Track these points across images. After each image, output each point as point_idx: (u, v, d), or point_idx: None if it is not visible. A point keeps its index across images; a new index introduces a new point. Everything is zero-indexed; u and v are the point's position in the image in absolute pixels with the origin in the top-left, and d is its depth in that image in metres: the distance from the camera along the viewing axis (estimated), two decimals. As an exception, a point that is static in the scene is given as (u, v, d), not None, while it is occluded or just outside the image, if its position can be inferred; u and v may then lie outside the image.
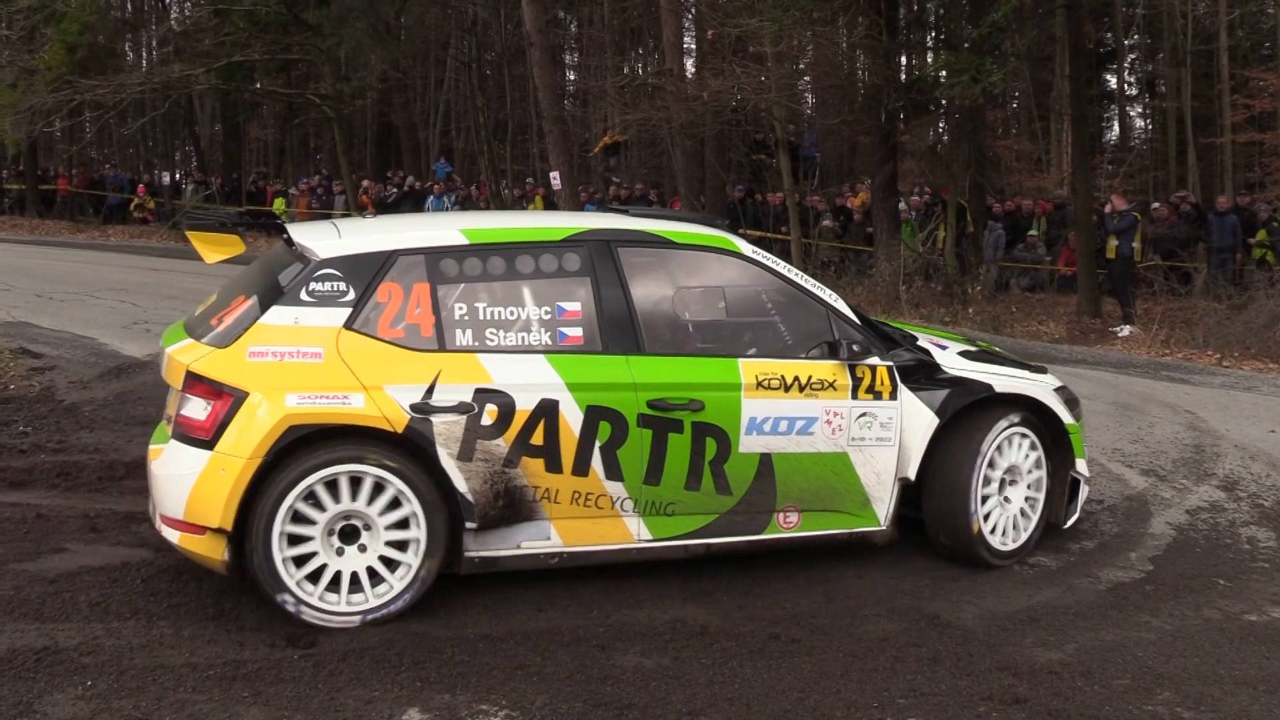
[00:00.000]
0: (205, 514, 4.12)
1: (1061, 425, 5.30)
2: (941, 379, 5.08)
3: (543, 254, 4.63)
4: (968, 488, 5.01)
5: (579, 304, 4.58)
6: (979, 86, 13.68)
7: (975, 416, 5.09)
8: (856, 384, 4.88)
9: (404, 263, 4.44)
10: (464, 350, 4.38)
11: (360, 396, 4.20)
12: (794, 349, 4.88)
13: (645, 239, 4.85)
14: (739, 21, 16.11)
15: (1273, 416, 8.74)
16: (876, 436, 4.93)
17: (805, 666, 4.03)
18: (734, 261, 4.95)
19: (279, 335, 4.24)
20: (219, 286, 4.93)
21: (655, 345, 4.66)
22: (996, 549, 5.12)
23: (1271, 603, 4.80)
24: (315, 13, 22.17)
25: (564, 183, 18.54)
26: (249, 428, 4.10)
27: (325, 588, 4.23)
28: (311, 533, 4.20)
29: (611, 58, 24.70)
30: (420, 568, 4.30)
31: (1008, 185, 21.98)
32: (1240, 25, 23.56)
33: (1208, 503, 6.26)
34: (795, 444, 4.79)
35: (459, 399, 4.30)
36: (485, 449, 4.32)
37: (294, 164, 32.56)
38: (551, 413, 4.40)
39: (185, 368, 4.23)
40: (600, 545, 4.57)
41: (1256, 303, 12.81)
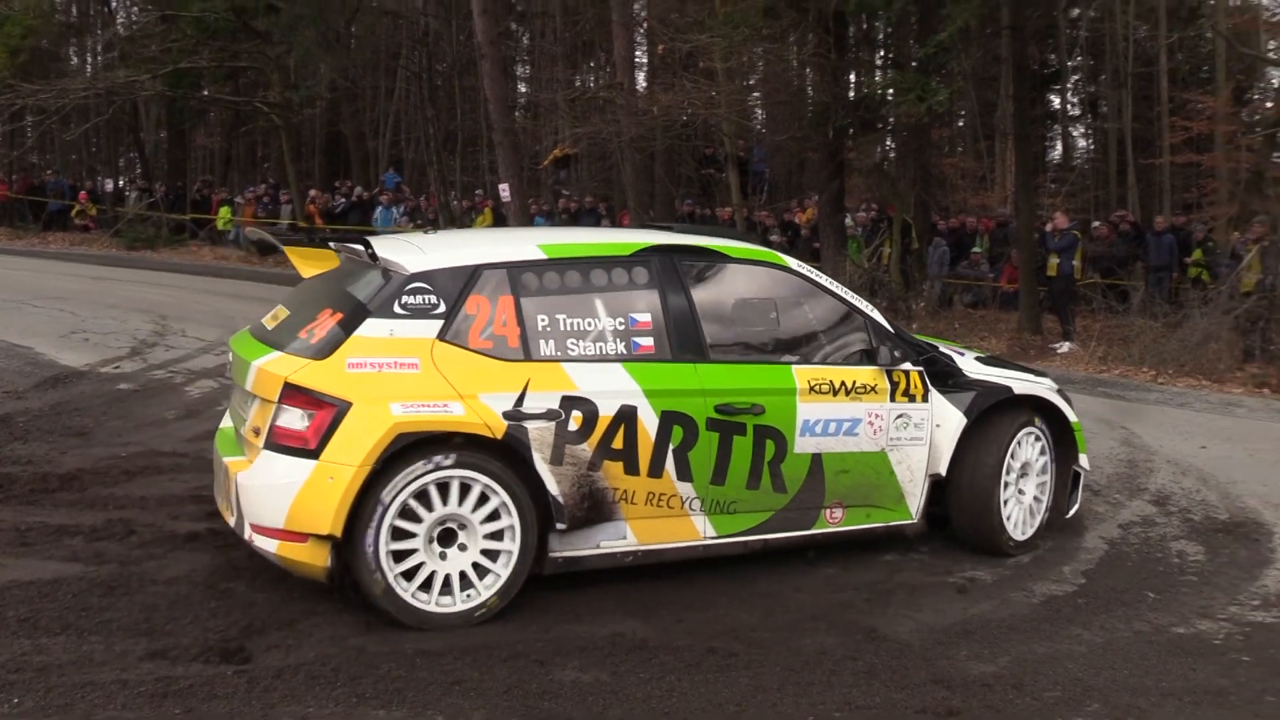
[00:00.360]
0: (312, 521, 4.22)
1: (1067, 423, 5.81)
2: (965, 382, 5.51)
3: (614, 268, 4.89)
4: (995, 482, 5.43)
5: (649, 315, 4.84)
6: (924, 105, 13.86)
7: (997, 417, 5.51)
8: (894, 388, 5.30)
9: (488, 276, 4.63)
10: (549, 360, 4.60)
11: (459, 405, 4.37)
12: (836, 356, 5.25)
13: (703, 253, 5.17)
14: (690, 37, 16.21)
15: (1204, 432, 8.94)
16: (911, 436, 5.35)
17: (742, 680, 4.06)
18: (783, 275, 5.32)
19: (376, 347, 4.38)
20: (284, 299, 5.13)
21: (718, 353, 4.96)
22: (1015, 539, 5.56)
23: (1198, 615, 4.91)
24: (264, 20, 21.96)
25: (514, 195, 18.51)
26: (358, 436, 4.23)
27: (419, 588, 4.36)
28: (415, 533, 4.33)
29: (563, 71, 24.76)
30: (514, 569, 4.48)
31: (952, 203, 22.28)
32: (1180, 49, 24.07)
33: (1140, 517, 6.38)
34: (842, 444, 5.16)
35: (548, 406, 4.51)
36: (573, 453, 4.55)
37: (240, 172, 32.22)
38: (630, 418, 4.66)
39: (283, 379, 4.32)
40: (671, 543, 4.84)
41: (1191, 321, 13.08)
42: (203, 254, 22.91)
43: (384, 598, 4.30)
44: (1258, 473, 7.55)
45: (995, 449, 5.46)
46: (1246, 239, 14.74)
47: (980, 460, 5.44)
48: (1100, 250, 17.11)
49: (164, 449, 6.88)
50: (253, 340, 4.85)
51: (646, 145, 17.91)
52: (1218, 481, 7.24)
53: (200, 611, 4.38)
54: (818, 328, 5.29)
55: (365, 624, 4.33)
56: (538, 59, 28.59)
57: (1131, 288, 16.56)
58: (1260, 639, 4.67)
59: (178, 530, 5.29)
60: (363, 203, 22.96)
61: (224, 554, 5.02)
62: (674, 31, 17.13)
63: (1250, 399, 11.03)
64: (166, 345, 10.74)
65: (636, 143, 17.68)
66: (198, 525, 5.37)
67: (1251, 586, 5.30)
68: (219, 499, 4.89)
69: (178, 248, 23.53)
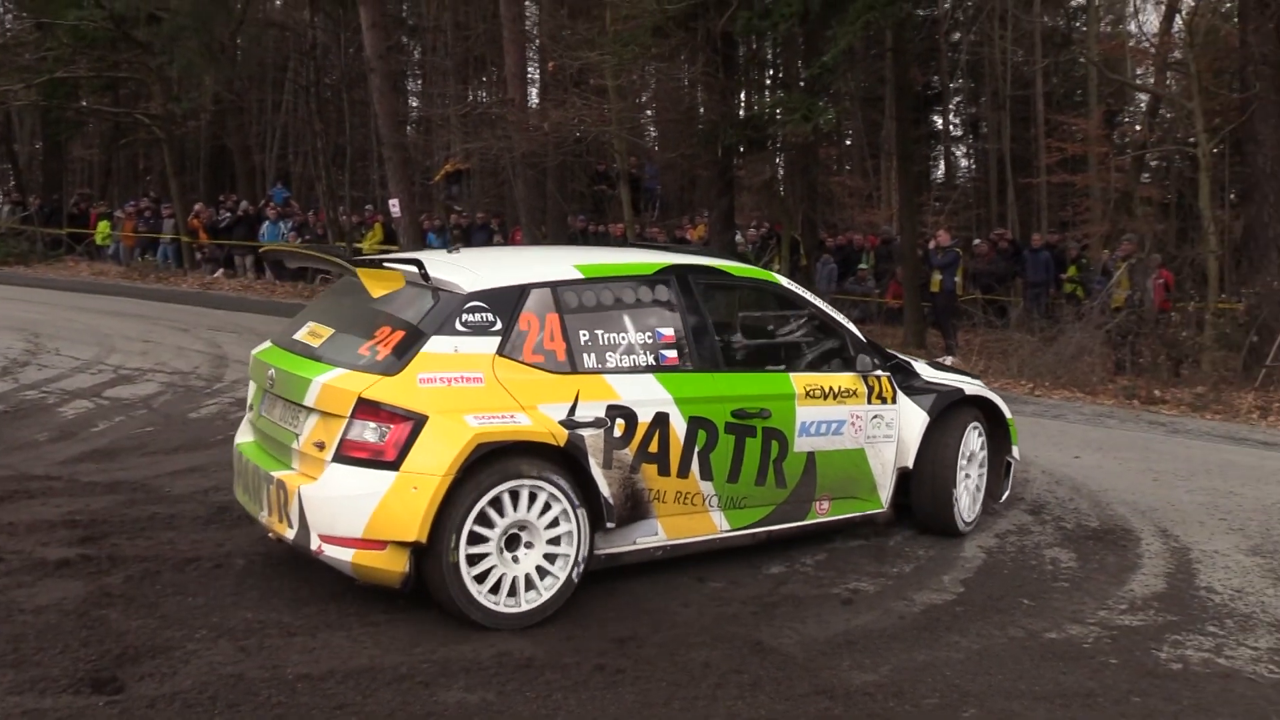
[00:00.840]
0: (396, 530, 4.42)
1: (1003, 418, 6.57)
2: (924, 386, 6.19)
3: (640, 285, 5.29)
4: (952, 472, 6.12)
5: (672, 329, 5.26)
6: (811, 125, 14.13)
7: (951, 415, 6.19)
8: (870, 391, 5.92)
9: (535, 295, 4.92)
10: (593, 372, 4.94)
11: (524, 415, 4.66)
12: (821, 363, 5.84)
13: (711, 272, 5.64)
14: (580, 54, 16.29)
15: (1078, 443, 9.26)
16: (884, 434, 5.98)
17: (629, 696, 4.07)
18: (777, 292, 5.94)
19: (444, 362, 4.61)
20: (313, 316, 5.25)
21: (729, 363, 5.44)
22: (967, 520, 6.26)
23: (1070, 620, 5.08)
24: (145, 30, 21.40)
25: (404, 210, 18.35)
26: (439, 447, 4.45)
27: (490, 591, 4.59)
28: (489, 538, 4.58)
29: (454, 86, 24.63)
30: (571, 569, 4.77)
31: (840, 220, 22.75)
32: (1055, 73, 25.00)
33: (1016, 526, 6.58)
34: (830, 443, 5.73)
35: (596, 415, 4.85)
36: (618, 458, 4.92)
37: (121, 186, 31.28)
38: (664, 424, 5.06)
39: (356, 395, 4.50)
40: (694, 537, 5.27)
41: (1065, 335, 13.55)
42: (80, 270, 22.22)
43: (459, 600, 4.52)
44: (1126, 481, 7.85)
45: (952, 443, 6.14)
46: (1116, 256, 15.37)
47: (940, 453, 6.10)
48: (981, 267, 17.66)
49: (35, 472, 6.64)
50: (298, 357, 4.96)
51: (538, 161, 17.91)
52: (1089, 490, 7.51)
53: (70, 641, 4.23)
54: (807, 339, 5.89)
55: (243, 650, 4.23)
56: (429, 74, 28.39)
57: (1010, 303, 17.12)
58: (1127, 642, 4.85)
59: (48, 557, 5.11)
60: (249, 217, 22.50)
61: (96, 581, 4.86)
62: (565, 48, 17.20)
63: (1121, 410, 11.47)
64: (39, 364, 10.37)
65: (528, 158, 17.67)
66: (69, 551, 5.19)
67: (1119, 591, 5.51)
68: (263, 513, 4.93)
69: (53, 263, 22.77)
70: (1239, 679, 4.50)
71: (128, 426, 8.11)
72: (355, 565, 4.51)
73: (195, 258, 22.53)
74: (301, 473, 4.70)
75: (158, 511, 5.96)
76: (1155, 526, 6.70)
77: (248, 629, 4.45)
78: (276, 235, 21.79)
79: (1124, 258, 15.03)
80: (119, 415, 8.47)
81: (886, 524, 6.24)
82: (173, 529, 5.69)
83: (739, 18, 14.17)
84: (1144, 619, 5.15)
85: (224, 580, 5.00)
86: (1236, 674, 4.55)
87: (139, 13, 21.05)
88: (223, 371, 10.67)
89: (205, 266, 22.46)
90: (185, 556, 5.25)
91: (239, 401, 9.18)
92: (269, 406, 5.10)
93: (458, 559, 4.49)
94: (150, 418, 8.45)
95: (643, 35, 15.01)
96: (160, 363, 10.90)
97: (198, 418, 8.54)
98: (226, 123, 26.74)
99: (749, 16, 14.21)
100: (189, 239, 22.42)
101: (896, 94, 18.18)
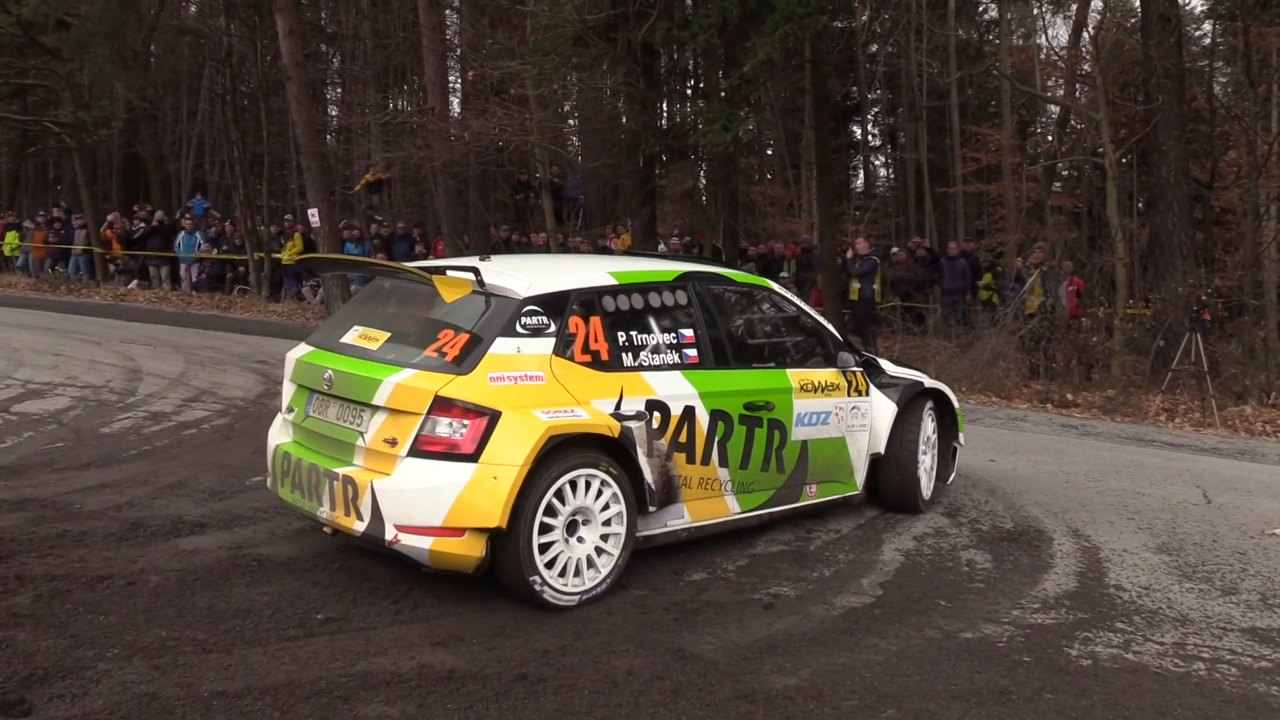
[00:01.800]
0: (477, 517, 4.75)
1: (952, 408, 7.29)
2: (890, 380, 6.88)
3: (664, 291, 5.78)
4: (915, 455, 6.81)
5: (691, 330, 5.76)
6: (730, 135, 14.27)
7: (911, 405, 6.86)
8: (849, 385, 6.57)
9: (579, 300, 5.35)
10: (632, 369, 5.40)
11: (583, 410, 5.08)
12: (806, 361, 6.42)
13: (718, 279, 6.18)
14: (501, 64, 16.24)
15: (993, 447, 9.46)
16: (860, 424, 6.63)
17: (550, 705, 4.07)
18: (771, 296, 6.56)
19: (509, 362, 4.99)
20: (361, 320, 5.52)
21: (737, 360, 5.97)
22: (925, 499, 6.98)
23: (985, 620, 5.18)
24: (54, 36, 20.86)
25: (323, 220, 18.12)
26: (516, 439, 4.82)
27: (558, 573, 4.98)
28: (555, 525, 4.96)
29: (374, 94, 24.41)
30: (620, 552, 5.22)
31: (761, 229, 22.96)
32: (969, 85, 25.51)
33: (933, 529, 6.70)
34: (819, 432, 6.32)
35: (638, 409, 5.31)
36: (657, 447, 5.39)
37: (30, 195, 30.47)
38: (691, 416, 5.56)
39: (433, 393, 4.82)
40: (712, 520, 5.78)
41: (981, 341, 13.84)
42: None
43: (530, 582, 4.87)
44: (1040, 483, 8.04)
45: (914, 430, 6.82)
46: (1029, 264, 15.72)
47: (904, 439, 6.77)
48: (899, 274, 17.94)
49: (-63, 491, 6.44)
50: (357, 359, 5.21)
51: (460, 171, 17.83)
52: (1004, 493, 7.68)
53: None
54: (796, 338, 6.49)
55: (157, 668, 4.15)
56: (348, 82, 28.08)
57: (928, 310, 17.41)
58: (1039, 640, 4.96)
59: (-49, 578, 4.96)
60: (164, 227, 22.06)
61: (3, 600, 4.72)
62: (485, 58, 17.15)
63: (1035, 414, 11.74)
64: (-58, 380, 10.05)
65: (449, 168, 17.58)
66: (-26, 571, 5.04)
67: (1032, 591, 5.64)
68: (323, 509, 5.13)
69: (-43, 275, 22.08)
70: (1146, 673, 4.63)
71: (36, 442, 7.90)
72: (433, 552, 4.81)
73: (108, 269, 22.02)
74: (369, 468, 4.97)
75: (68, 529, 5.81)
76: (1067, 527, 6.87)
77: (161, 647, 4.37)
78: (192, 246, 21.40)
79: (1036, 265, 15.39)
80: (27, 431, 8.24)
81: (859, 504, 6.84)
82: (84, 546, 5.55)
83: (659, 28, 14.27)
84: (1056, 617, 5.27)
85: (137, 598, 4.90)
86: (1144, 669, 4.68)
87: (47, 19, 20.51)
88: (136, 385, 10.44)
89: (119, 278, 21.96)
90: (97, 574, 5.13)
91: (154, 415, 9.00)
92: (320, 407, 5.33)
93: (531, 543, 4.85)
94: (60, 433, 8.23)
95: (563, 45, 15.02)
96: (71, 376, 10.64)
97: (110, 432, 8.35)
98: (140, 131, 26.20)
99: (668, 27, 14.31)
100: (101, 250, 21.91)
101: (815, 104, 18.43)
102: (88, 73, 20.37)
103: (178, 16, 27.05)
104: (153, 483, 6.88)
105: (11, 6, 20.32)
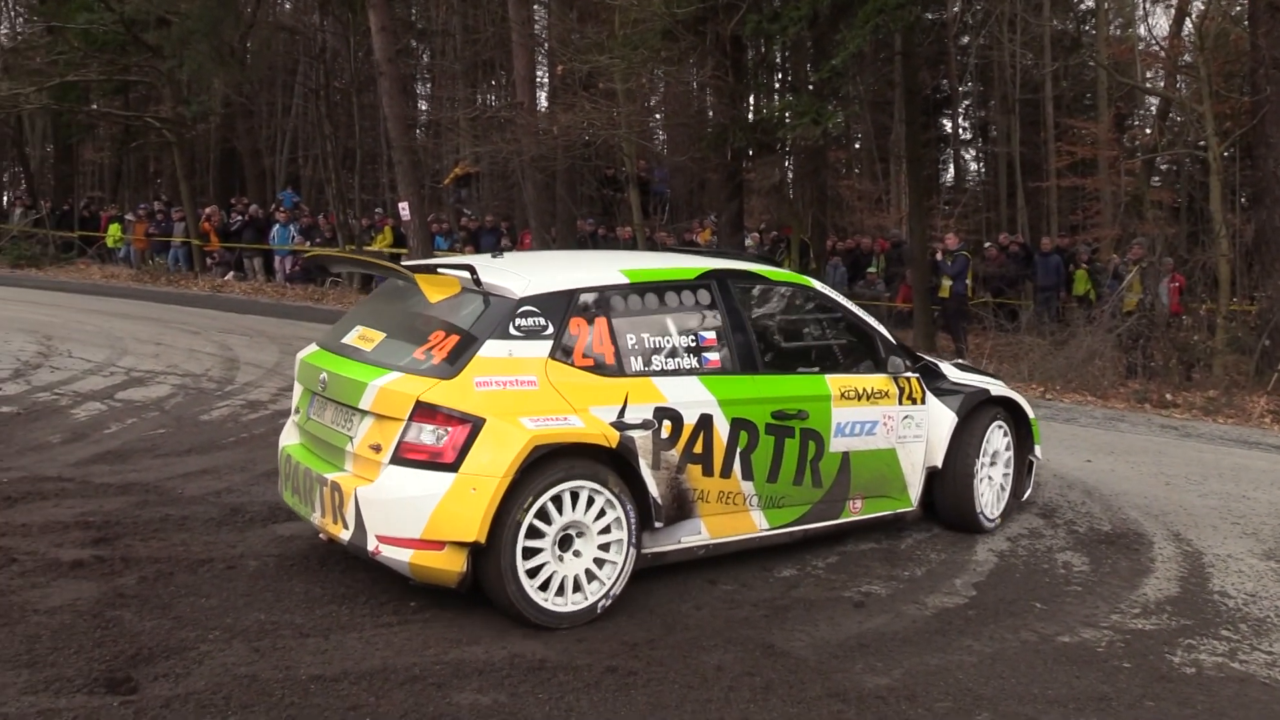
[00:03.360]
0: (455, 530, 4.49)
1: (1026, 418, 6.68)
2: (951, 386, 6.33)
3: (683, 290, 5.39)
4: (972, 471, 6.25)
5: (714, 332, 5.36)
6: (820, 128, 14.12)
7: (977, 415, 6.34)
8: (901, 392, 6.03)
9: (584, 300, 5.02)
10: (640, 374, 5.03)
11: (577, 418, 4.74)
12: (854, 365, 5.93)
13: (749, 277, 5.75)
14: (589, 58, 16.27)
15: (1089, 447, 9.24)
16: (914, 434, 6.09)
17: (641, 699, 4.07)
18: (810, 295, 6.04)
19: (498, 366, 4.69)
20: (362, 320, 5.31)
21: (767, 365, 5.53)
22: (989, 517, 6.39)
23: (1083, 624, 5.06)
24: (155, 33, 21.45)
25: (413, 214, 18.36)
26: (498, 449, 4.52)
27: (541, 588, 4.67)
28: (545, 533, 4.66)
29: (463, 89, 24.64)
30: (620, 569, 4.86)
31: (849, 224, 22.72)
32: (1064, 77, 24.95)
33: (1028, 530, 6.57)
34: (864, 443, 5.84)
35: (644, 417, 4.95)
36: (666, 459, 5.02)
37: (132, 189, 31.37)
38: (708, 426, 5.16)
39: (414, 398, 4.56)
40: (735, 536, 5.37)
41: (1076, 339, 13.52)
42: (91, 272, 22.27)
43: (514, 598, 4.58)
44: (1139, 485, 7.83)
45: (974, 441, 6.28)
46: (1127, 260, 15.32)
47: (966, 452, 6.23)
48: (991, 270, 17.62)
49: (48, 474, 6.66)
50: (350, 361, 5.01)
51: (547, 165, 17.91)
52: (1101, 494, 7.49)
53: (85, 641, 4.25)
54: (840, 341, 6.01)
55: (256, 651, 4.24)
56: (438, 77, 28.43)
57: (1021, 307, 17.08)
58: (1140, 646, 4.83)
59: (61, 558, 5.13)
60: (258, 220, 22.55)
61: (110, 581, 4.88)
62: (574, 52, 17.19)
63: (1132, 414, 11.44)
64: (52, 366, 10.40)
65: (537, 162, 17.68)
66: (83, 552, 5.21)
67: (1132, 595, 5.49)
68: (315, 514, 4.99)
69: (65, 266, 22.84)
70: (1253, 684, 4.49)
71: (140, 428, 8.13)
72: (413, 565, 4.57)
73: (206, 261, 22.59)
74: (356, 474, 4.76)
75: (170, 513, 5.98)
76: (1168, 530, 6.68)
77: (261, 630, 4.47)
78: (286, 238, 21.83)
79: (1135, 261, 15.00)
80: (131, 417, 8.49)
81: (914, 522, 6.34)
82: (185, 530, 5.71)
83: (748, 21, 14.16)
84: (1157, 623, 5.13)
85: (236, 582, 5.02)
86: (1251, 678, 4.54)
87: (149, 16, 21.10)
88: (234, 374, 10.69)
89: (215, 269, 22.51)
90: (198, 558, 5.26)
91: (250, 404, 9.21)
92: (319, 409, 5.15)
93: (514, 559, 4.56)
94: (162, 420, 8.47)
95: (652, 39, 14.99)
96: (172, 365, 10.93)
97: (209, 420, 8.56)
98: (236, 126, 26.81)
99: (758, 20, 14.19)
100: (200, 242, 22.47)
101: (905, 97, 18.14)
102: (187, 69, 20.90)
103: (273, 13, 27.65)
104: (250, 469, 7.04)
105: (114, 5, 20.93)
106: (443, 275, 5.07)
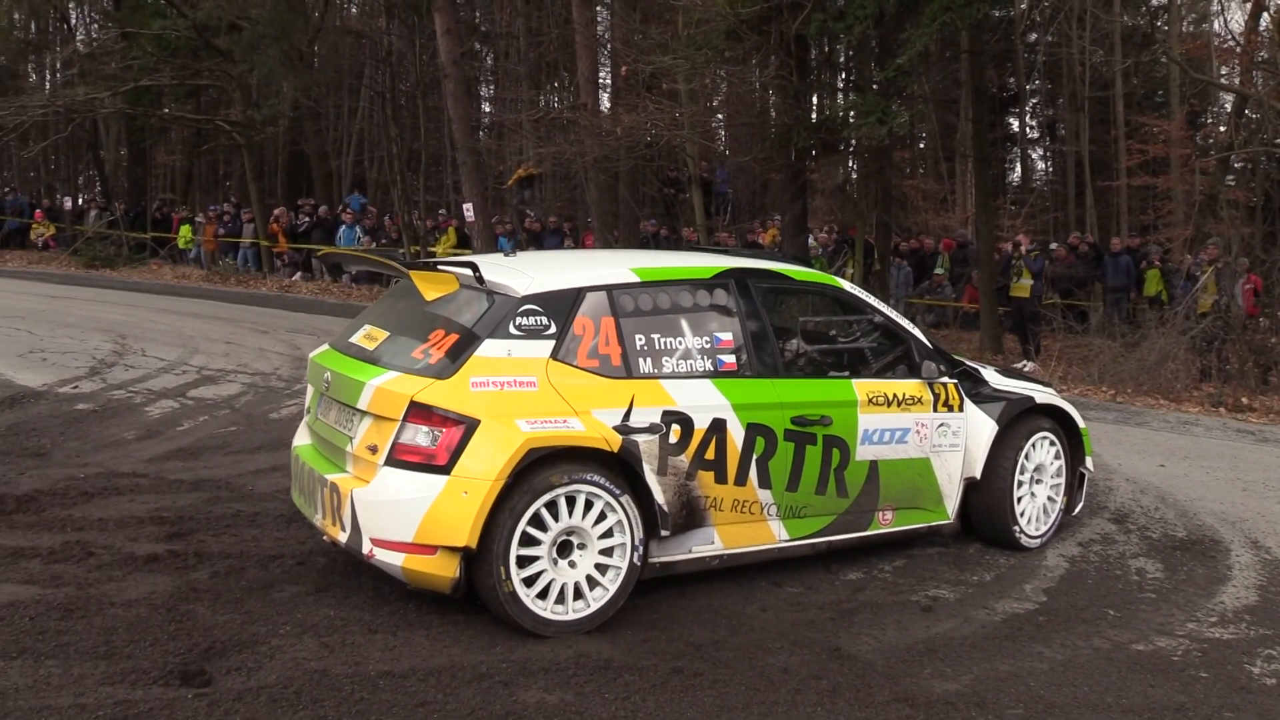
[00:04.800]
0: (445, 534, 4.39)
1: (1076, 428, 6.29)
2: (992, 394, 5.99)
3: (698, 289, 5.21)
4: (1010, 484, 5.91)
5: (730, 334, 5.17)
6: (885, 128, 13.97)
7: (1020, 424, 6.01)
8: (936, 399, 5.74)
9: (591, 299, 4.88)
10: (648, 377, 4.88)
11: (578, 421, 4.61)
12: (885, 370, 5.69)
13: (771, 276, 5.55)
14: (653, 59, 16.26)
15: (1162, 451, 9.05)
16: (950, 443, 5.80)
17: (707, 700, 4.06)
18: (838, 296, 5.81)
19: (496, 366, 4.58)
20: (369, 319, 5.25)
21: (789, 369, 5.38)
22: (1030, 534, 6.03)
23: (1157, 632, 4.96)
24: (226, 39, 21.83)
25: (477, 215, 18.50)
26: (491, 451, 4.42)
27: (538, 595, 4.54)
28: (541, 539, 4.54)
29: (527, 91, 24.77)
30: (623, 576, 4.70)
31: (914, 224, 22.48)
32: (1135, 74, 24.49)
33: (1099, 535, 6.44)
34: (894, 451, 5.57)
35: (651, 421, 4.79)
36: (674, 464, 4.84)
37: (202, 191, 31.96)
38: (721, 431, 4.97)
39: (408, 398, 4.47)
40: (751, 547, 5.16)
41: (1148, 341, 13.25)
42: (163, 273, 22.69)
43: (508, 604, 4.47)
44: (1214, 491, 7.65)
45: (1012, 453, 5.94)
46: (1201, 260, 14.99)
47: (1005, 464, 5.90)
48: (1060, 271, 17.35)
49: (123, 470, 6.81)
50: (353, 360, 4.96)
51: (610, 165, 17.95)
52: (1175, 500, 7.33)
53: (160, 634, 4.33)
54: (869, 344, 5.78)
55: (326, 646, 4.30)
56: (502, 79, 28.59)
57: (1090, 308, 16.78)
58: (1217, 655, 4.73)
59: (137, 552, 5.23)
60: (326, 222, 22.85)
61: (184, 576, 4.97)
62: (637, 53, 17.19)
63: (1207, 418, 11.18)
64: (126, 365, 10.62)
65: (600, 163, 17.71)
66: (157, 547, 5.31)
67: (1209, 603, 5.37)
68: (317, 516, 4.95)
69: (138, 266, 23.30)
70: (1337, 695, 4.36)
71: (211, 426, 8.28)
72: (406, 570, 4.50)
73: (274, 262, 22.93)
74: (354, 476, 4.71)
75: (241, 509, 6.07)
76: (1245, 537, 6.52)
77: (330, 626, 4.52)
78: (352, 239, 22.08)
79: (1209, 262, 14.67)
80: (203, 415, 8.65)
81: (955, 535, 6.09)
82: (256, 526, 5.80)
83: (812, 20, 14.06)
84: (1235, 632, 5.02)
85: (306, 577, 5.09)
86: (1334, 690, 4.41)
87: (220, 22, 21.48)
88: (302, 373, 10.82)
89: (284, 270, 22.84)
90: (268, 554, 5.35)
91: (318, 402, 9.33)
92: (325, 409, 5.12)
93: (508, 564, 4.45)
94: (233, 417, 8.61)
95: (715, 39, 14.94)
96: (242, 364, 11.11)
97: (278, 418, 8.69)
98: (304, 128, 27.19)
99: (822, 19, 14.09)
100: (268, 243, 22.82)
101: (972, 96, 17.90)
102: (258, 73, 21.26)
103: (341, 18, 28.02)
104: (319, 467, 7.12)
105: (187, 11, 21.35)
106: (440, 273, 5.00)
